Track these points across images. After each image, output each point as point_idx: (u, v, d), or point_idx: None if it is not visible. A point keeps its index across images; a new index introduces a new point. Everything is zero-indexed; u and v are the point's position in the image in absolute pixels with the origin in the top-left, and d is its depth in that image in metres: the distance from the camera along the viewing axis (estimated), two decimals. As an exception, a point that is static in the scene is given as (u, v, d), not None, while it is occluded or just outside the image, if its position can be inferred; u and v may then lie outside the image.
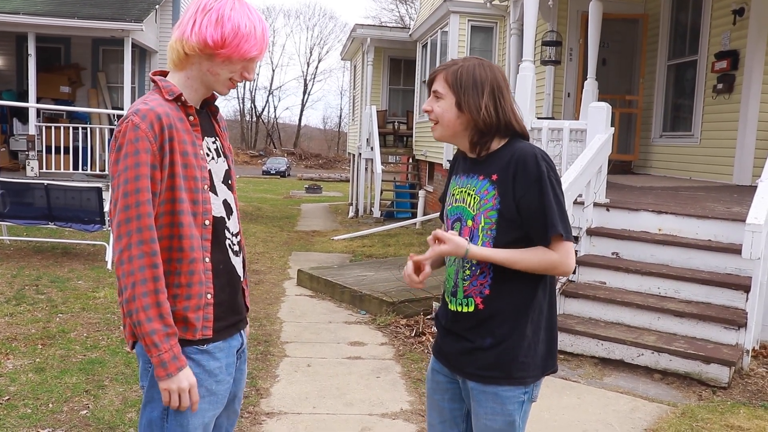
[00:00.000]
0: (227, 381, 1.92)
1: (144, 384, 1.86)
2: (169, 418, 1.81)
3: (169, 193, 1.76)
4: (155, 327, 1.70)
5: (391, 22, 45.97)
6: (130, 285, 1.69)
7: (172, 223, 1.77)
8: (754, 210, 4.52)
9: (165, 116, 1.74)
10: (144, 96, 1.83)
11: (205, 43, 1.77)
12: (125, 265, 1.70)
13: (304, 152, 58.20)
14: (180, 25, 1.82)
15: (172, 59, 1.84)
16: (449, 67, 2.01)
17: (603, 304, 5.18)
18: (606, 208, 5.96)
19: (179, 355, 1.75)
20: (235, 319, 1.95)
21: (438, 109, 2.00)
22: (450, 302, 2.07)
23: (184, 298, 1.79)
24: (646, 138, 10.04)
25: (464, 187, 2.04)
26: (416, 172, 16.46)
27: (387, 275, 7.38)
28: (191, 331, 1.81)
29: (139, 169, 1.70)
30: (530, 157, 1.91)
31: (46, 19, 12.04)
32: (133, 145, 1.70)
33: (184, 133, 1.79)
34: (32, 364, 4.48)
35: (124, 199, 1.70)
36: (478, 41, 12.75)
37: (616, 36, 10.18)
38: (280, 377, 4.56)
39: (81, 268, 7.55)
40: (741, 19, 7.96)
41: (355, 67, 19.95)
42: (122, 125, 1.73)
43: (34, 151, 11.97)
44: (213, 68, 1.82)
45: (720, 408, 4.09)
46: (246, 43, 1.78)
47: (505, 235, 1.94)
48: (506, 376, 1.97)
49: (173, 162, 1.75)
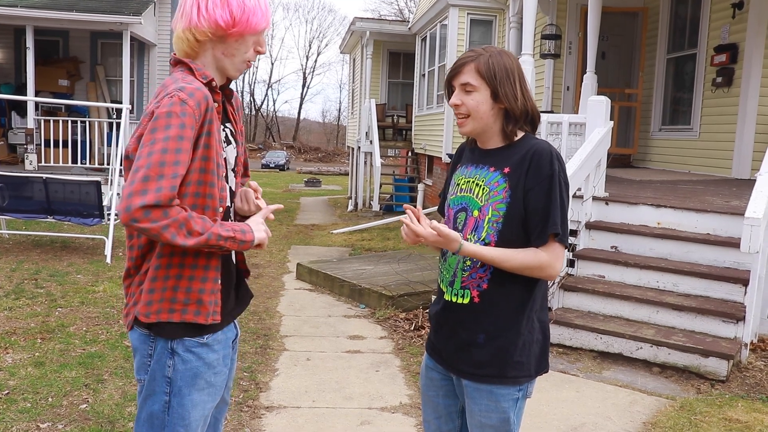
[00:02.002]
0: (224, 372, 1.93)
1: (142, 377, 1.85)
2: (170, 410, 1.81)
3: (199, 174, 1.73)
4: (217, 233, 1.71)
5: (390, 15, 45.86)
6: (177, 230, 1.64)
7: (195, 204, 1.74)
8: (753, 203, 4.51)
9: (209, 98, 1.73)
10: (178, 75, 1.78)
11: (217, 25, 1.76)
12: (162, 220, 1.62)
13: (303, 146, 58.13)
14: (182, 15, 1.80)
15: (183, 50, 1.81)
16: (477, 58, 1.93)
17: (602, 298, 5.19)
18: (605, 202, 5.96)
19: (242, 226, 1.81)
20: (231, 309, 1.96)
21: (472, 102, 1.94)
22: (446, 291, 2.04)
23: (200, 280, 1.79)
24: (645, 131, 10.03)
25: (472, 177, 2.00)
26: (415, 165, 16.45)
27: (386, 269, 7.38)
28: (203, 314, 1.80)
29: (183, 143, 1.65)
30: (546, 154, 1.90)
31: (45, 12, 12.00)
32: (179, 119, 1.65)
33: (215, 119, 1.77)
34: (31, 358, 4.49)
35: (159, 167, 1.61)
36: (478, 35, 12.71)
37: (615, 29, 10.16)
38: (279, 371, 4.57)
39: (80, 262, 7.55)
40: (740, 12, 7.94)
41: (354, 61, 19.91)
42: (164, 99, 1.67)
43: (33, 145, 11.95)
44: (227, 50, 1.81)
45: (718, 401, 4.10)
46: (254, 16, 1.78)
47: (510, 230, 1.92)
48: (500, 375, 1.95)
49: (209, 144, 1.73)
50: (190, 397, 1.83)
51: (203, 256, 1.78)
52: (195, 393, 1.84)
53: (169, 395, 1.82)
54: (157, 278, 1.77)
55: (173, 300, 1.78)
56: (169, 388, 1.82)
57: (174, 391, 1.82)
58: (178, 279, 1.77)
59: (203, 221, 1.70)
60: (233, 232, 1.75)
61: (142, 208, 1.59)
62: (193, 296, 1.78)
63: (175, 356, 1.81)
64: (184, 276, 1.77)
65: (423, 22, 14.49)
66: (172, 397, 1.82)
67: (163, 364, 1.81)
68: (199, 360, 1.83)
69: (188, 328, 1.81)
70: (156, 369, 1.82)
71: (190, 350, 1.81)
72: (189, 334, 1.81)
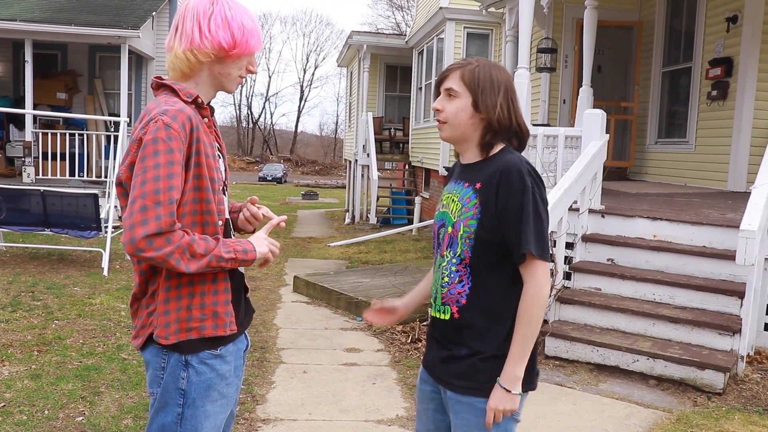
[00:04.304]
0: (236, 384, 1.95)
1: (155, 390, 1.86)
2: (183, 422, 1.83)
3: (194, 193, 1.77)
4: (217, 254, 1.75)
5: (387, 29, 46.04)
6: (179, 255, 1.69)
7: (194, 222, 1.78)
8: (748, 216, 4.54)
9: (193, 117, 1.77)
10: (161, 99, 1.81)
11: (220, 47, 1.81)
12: (166, 248, 1.67)
13: (301, 158, 58.24)
14: (181, 35, 1.82)
15: (180, 69, 1.84)
16: (465, 66, 1.94)
17: (598, 311, 5.20)
18: (601, 215, 5.98)
19: (243, 243, 1.84)
20: (242, 320, 1.98)
21: (451, 108, 1.93)
22: (432, 307, 2.04)
23: (212, 293, 1.83)
24: (641, 144, 10.08)
25: (451, 192, 2.00)
26: (412, 178, 16.49)
27: (383, 282, 7.39)
28: (222, 326, 1.84)
29: (173, 168, 1.69)
30: (516, 170, 1.85)
31: (43, 25, 12.06)
32: (166, 144, 1.68)
33: (204, 135, 1.81)
34: (28, 370, 4.48)
35: (155, 195, 1.66)
36: (474, 48, 12.80)
37: (611, 43, 10.23)
38: (276, 384, 4.56)
39: (77, 275, 7.55)
40: (734, 26, 8.01)
41: (352, 74, 20.00)
42: (150, 125, 1.71)
43: (31, 158, 11.97)
44: (224, 69, 1.86)
45: (715, 414, 4.10)
46: (252, 38, 1.85)
47: (484, 246, 1.89)
48: (480, 389, 1.90)
49: (199, 163, 1.77)
50: (203, 408, 1.84)
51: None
52: (208, 404, 1.85)
53: (182, 407, 1.83)
54: (170, 299, 1.80)
55: (189, 318, 1.81)
56: (183, 400, 1.83)
57: (188, 402, 1.83)
58: (191, 297, 1.80)
59: (206, 242, 1.74)
60: (234, 253, 1.79)
61: (146, 238, 1.64)
62: (208, 310, 1.82)
63: (189, 368, 1.82)
64: (196, 293, 1.80)
65: (420, 35, 14.58)
66: (185, 409, 1.83)
67: (176, 377, 1.82)
68: (212, 371, 1.84)
69: (205, 342, 1.84)
70: (169, 381, 1.83)
71: (204, 362, 1.83)
72: (205, 347, 1.84)
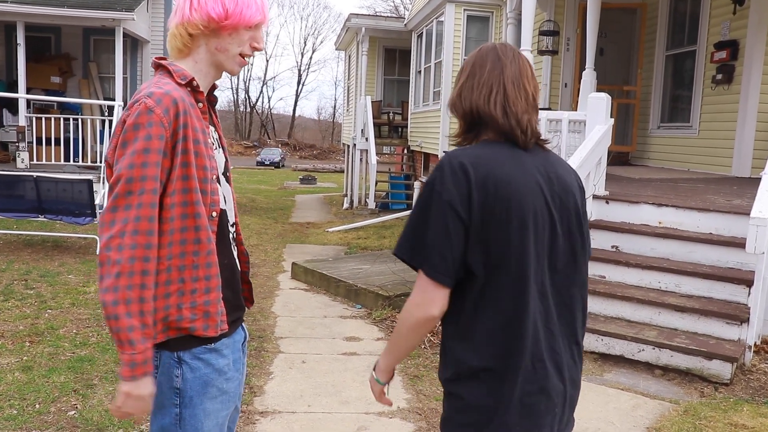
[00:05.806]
0: (236, 378, 1.85)
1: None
2: (182, 423, 1.73)
3: (182, 182, 1.66)
4: (134, 324, 1.58)
5: (385, 11, 45.67)
6: (114, 274, 1.55)
7: (185, 214, 1.66)
8: (759, 203, 4.43)
9: (181, 101, 1.66)
10: (153, 80, 1.72)
11: (209, 18, 1.71)
12: (112, 252, 1.56)
13: (299, 143, 57.98)
14: (176, 11, 1.76)
15: (176, 46, 1.77)
16: None
17: (603, 299, 5.10)
18: (605, 201, 5.86)
19: (150, 360, 1.63)
20: (238, 315, 1.89)
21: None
22: None
23: (203, 292, 1.71)
24: (644, 129, 9.94)
25: None
26: (411, 162, 16.34)
27: (382, 268, 7.28)
28: (213, 327, 1.73)
29: (149, 156, 1.59)
30: (437, 165, 1.62)
31: (35, 7, 11.83)
32: (145, 130, 1.59)
33: (196, 120, 1.71)
34: (19, 362, 4.37)
35: (126, 184, 1.57)
36: (474, 31, 12.60)
37: (614, 26, 10.06)
38: (274, 374, 4.46)
39: (72, 262, 7.43)
40: (741, 8, 7.85)
41: (350, 57, 19.79)
42: (133, 107, 1.62)
43: (25, 143, 11.80)
44: (221, 44, 1.76)
45: (723, 405, 4.01)
46: (248, 9, 1.74)
47: None
48: None
49: (186, 150, 1.66)
50: (202, 406, 1.74)
51: (202, 267, 1.70)
52: (207, 402, 1.75)
53: (179, 407, 1.73)
54: (158, 297, 1.67)
55: (180, 318, 1.70)
56: (179, 400, 1.73)
57: (185, 402, 1.73)
58: (181, 295, 1.69)
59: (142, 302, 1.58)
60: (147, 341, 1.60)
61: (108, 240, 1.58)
62: (199, 310, 1.71)
63: (182, 365, 1.72)
64: (186, 291, 1.69)
65: (419, 18, 14.38)
66: (183, 409, 1.73)
67: (170, 375, 1.72)
68: (208, 367, 1.74)
69: (197, 337, 1.73)
70: (163, 381, 1.72)
71: (197, 357, 1.72)
72: (198, 342, 1.73)
